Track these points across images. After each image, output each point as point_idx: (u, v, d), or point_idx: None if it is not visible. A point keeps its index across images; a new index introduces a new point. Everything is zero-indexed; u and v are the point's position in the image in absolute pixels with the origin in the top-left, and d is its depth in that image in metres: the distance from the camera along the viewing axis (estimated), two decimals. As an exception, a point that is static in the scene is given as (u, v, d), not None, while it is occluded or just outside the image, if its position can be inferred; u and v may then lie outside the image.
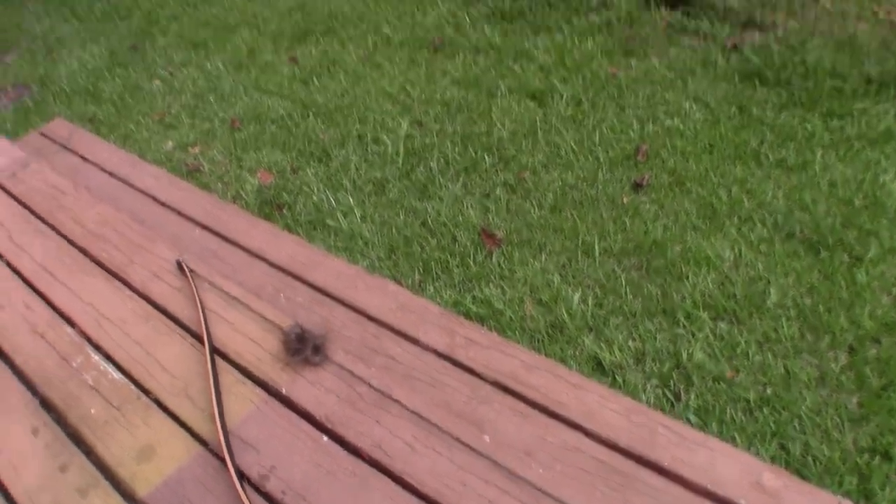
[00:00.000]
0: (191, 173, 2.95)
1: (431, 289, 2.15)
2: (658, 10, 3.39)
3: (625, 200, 2.38)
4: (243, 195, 2.73)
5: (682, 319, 1.96)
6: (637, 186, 2.43)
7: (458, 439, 1.02)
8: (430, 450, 1.02)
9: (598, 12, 3.49)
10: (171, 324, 1.32)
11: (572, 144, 2.64)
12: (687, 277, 2.07)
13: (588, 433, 1.04)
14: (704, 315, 1.95)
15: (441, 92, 3.16)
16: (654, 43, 3.21)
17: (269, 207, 2.63)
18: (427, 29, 3.67)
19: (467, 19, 3.64)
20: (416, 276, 2.20)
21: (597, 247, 2.21)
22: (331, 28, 3.91)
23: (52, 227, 1.65)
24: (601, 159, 2.56)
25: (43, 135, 3.02)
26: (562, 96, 2.94)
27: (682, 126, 2.66)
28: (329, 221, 2.49)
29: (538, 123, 2.80)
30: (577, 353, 1.90)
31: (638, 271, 2.13)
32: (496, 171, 2.60)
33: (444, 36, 3.57)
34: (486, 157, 2.67)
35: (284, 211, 2.60)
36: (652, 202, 2.35)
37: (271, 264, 1.56)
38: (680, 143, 2.58)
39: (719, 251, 2.13)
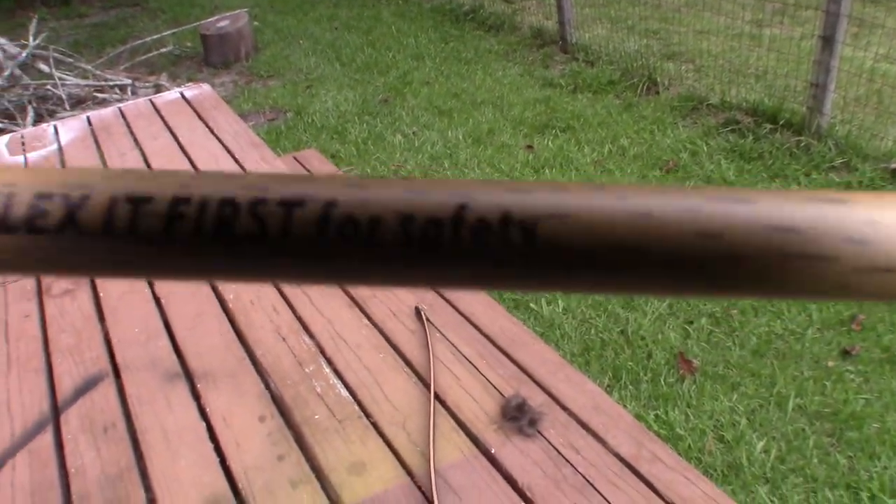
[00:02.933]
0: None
1: (616, 396, 2.19)
2: (904, 187, 3.31)
3: (830, 364, 2.33)
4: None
5: (866, 499, 1.90)
6: (846, 354, 2.38)
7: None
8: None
9: (839, 172, 3.46)
10: (401, 361, 1.45)
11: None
12: (879, 458, 2.00)
13: None
14: (890, 501, 1.88)
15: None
16: (892, 217, 3.13)
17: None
18: (663, 149, 3.76)
19: (704, 149, 3.70)
20: (605, 381, 2.26)
21: (791, 402, 2.18)
22: (570, 126, 4.08)
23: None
24: (813, 318, 2.53)
25: (296, 159, 3.34)
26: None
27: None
28: (532, 305, 2.60)
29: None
30: (749, 500, 1.89)
31: (829, 438, 2.09)
32: (704, 301, 2.63)
33: (678, 160, 3.64)
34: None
35: (493, 283, 2.74)
36: (858, 373, 2.30)
37: (481, 331, 1.67)
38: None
39: (920, 443, 2.05)
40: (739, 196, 0.18)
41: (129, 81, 5.20)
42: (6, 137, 2.76)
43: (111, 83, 5.14)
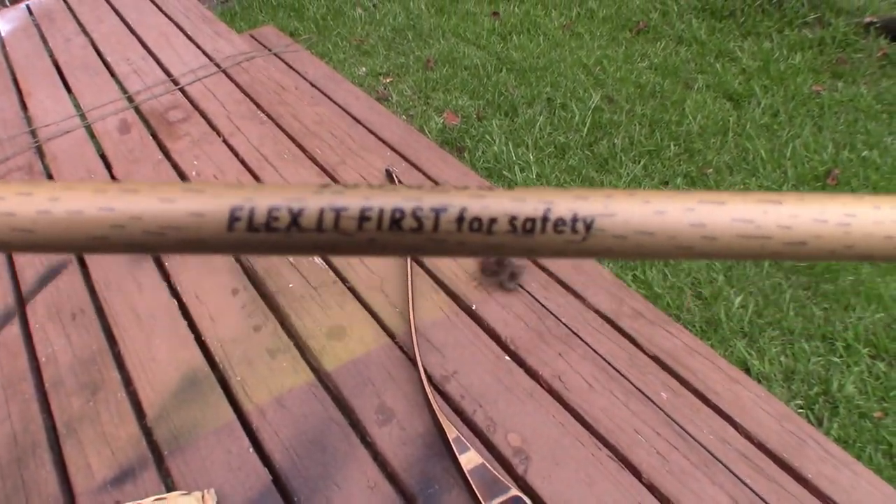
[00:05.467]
0: (379, 100, 3.06)
1: (595, 261, 2.18)
2: (877, 39, 3.25)
3: (805, 219, 2.33)
4: (427, 132, 2.82)
5: (841, 349, 1.92)
6: (821, 208, 2.37)
7: (637, 388, 1.06)
8: (608, 392, 1.06)
9: (812, 28, 3.38)
10: (374, 225, 1.41)
11: (762, 153, 2.60)
12: (854, 309, 2.03)
13: (738, 427, 1.05)
14: (864, 350, 1.91)
15: (637, 74, 3.15)
16: (865, 70, 3.08)
17: (450, 148, 2.71)
18: (633, 10, 3.64)
19: (675, 8, 3.59)
20: (582, 244, 2.24)
21: (768, 257, 2.18)
22: (537, -9, 3.94)
23: (271, 118, 1.78)
24: (788, 174, 2.51)
25: (252, 37, 3.20)
26: (759, 103, 2.88)
27: (879, 160, 2.56)
28: (505, 173, 2.55)
29: (731, 124, 2.76)
30: (727, 354, 1.90)
31: (805, 291, 2.10)
32: (679, 161, 2.59)
33: (648, 20, 3.54)
34: (672, 146, 2.66)
35: (464, 154, 2.68)
36: (833, 227, 2.29)
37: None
38: (874, 176, 2.49)
39: (893, 293, 2.07)
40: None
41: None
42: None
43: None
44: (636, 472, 0.97)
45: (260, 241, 0.26)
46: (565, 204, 0.26)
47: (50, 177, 1.67)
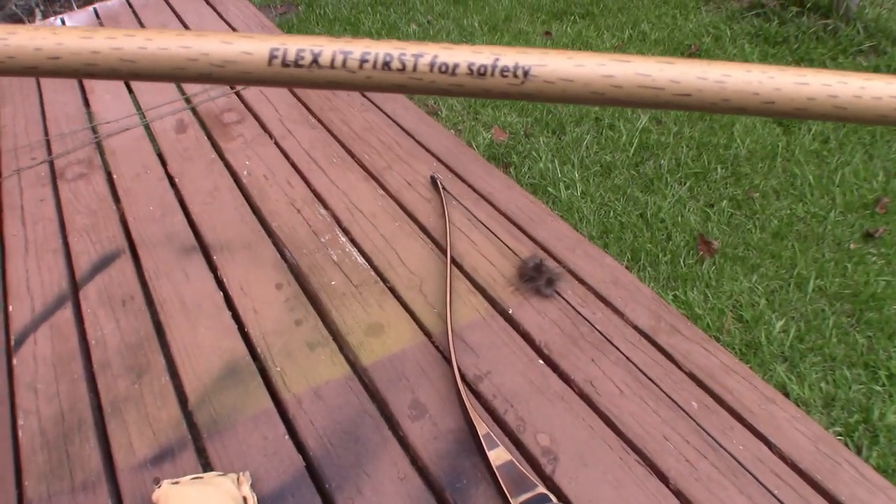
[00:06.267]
0: (429, 114, 3.10)
1: (636, 277, 2.18)
2: (934, 69, 3.21)
3: (852, 247, 2.30)
4: (474, 146, 2.85)
5: (883, 378, 1.90)
6: (868, 236, 2.34)
7: (668, 395, 1.07)
8: (638, 398, 1.07)
9: (866, 56, 3.35)
10: (416, 228, 1.44)
11: (810, 178, 2.58)
12: (899, 338, 2.00)
13: (771, 447, 1.05)
14: (908, 380, 1.88)
15: (686, 97, 3.14)
16: (921, 101, 3.04)
17: (497, 163, 2.74)
18: (685, 34, 3.64)
19: (728, 33, 3.58)
20: (624, 263, 2.24)
21: (811, 283, 2.16)
22: (590, 12, 3.95)
23: (322, 123, 1.82)
24: (837, 201, 2.48)
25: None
26: (810, 129, 2.86)
27: (930, 189, 2.53)
28: (550, 189, 2.56)
29: (779, 150, 2.74)
30: (767, 377, 1.89)
31: (848, 318, 2.08)
32: (725, 184, 2.58)
33: (700, 44, 3.54)
34: (719, 169, 2.65)
35: (511, 170, 2.70)
36: (880, 256, 2.27)
37: (499, 211, 1.64)
38: (925, 205, 2.46)
39: (940, 323, 2.03)
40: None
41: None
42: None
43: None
44: (663, 478, 0.97)
45: (290, 74, 0.35)
46: (511, 56, 0.35)
47: (108, 173, 1.73)
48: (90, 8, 2.89)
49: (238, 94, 1.98)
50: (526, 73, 0.34)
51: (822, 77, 0.34)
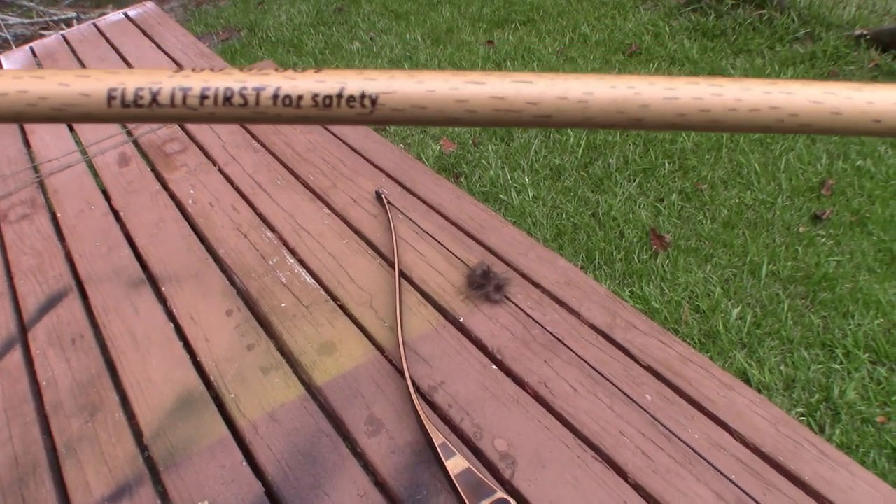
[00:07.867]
0: (376, 130, 3.10)
1: (591, 276, 2.20)
2: (867, 51, 3.28)
3: (801, 230, 2.34)
4: (424, 159, 2.86)
5: (841, 356, 1.93)
6: (816, 219, 2.39)
7: (622, 391, 1.08)
8: (592, 395, 1.08)
9: (803, 43, 3.42)
10: (364, 244, 1.44)
11: (756, 166, 2.62)
12: (852, 316, 2.03)
13: (733, 433, 1.06)
14: (864, 356, 1.91)
15: (630, 95, 3.17)
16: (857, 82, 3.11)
17: (447, 174, 2.75)
18: (625, 34, 3.69)
19: (667, 30, 3.64)
20: (579, 263, 2.26)
21: (764, 269, 2.20)
22: (531, 19, 3.99)
23: (265, 147, 1.81)
24: (783, 186, 2.53)
25: (253, 72, 3.25)
26: (753, 119, 2.91)
27: (873, 168, 2.58)
28: (502, 196, 2.58)
29: (724, 140, 2.78)
30: (727, 365, 1.91)
31: (802, 300, 2.11)
32: (674, 178, 2.62)
33: (641, 42, 3.59)
34: (666, 164, 2.68)
35: (461, 180, 2.71)
36: (829, 237, 2.31)
37: (449, 220, 1.65)
38: (869, 184, 2.51)
39: (892, 298, 2.07)
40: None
41: (74, 14, 5.04)
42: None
43: (55, 18, 4.98)
44: (621, 473, 0.98)
45: (133, 114, 0.33)
46: (356, 84, 0.33)
47: (52, 211, 1.71)
48: (27, 47, 2.85)
49: (180, 124, 1.96)
50: (374, 102, 0.33)
51: (692, 89, 0.33)
